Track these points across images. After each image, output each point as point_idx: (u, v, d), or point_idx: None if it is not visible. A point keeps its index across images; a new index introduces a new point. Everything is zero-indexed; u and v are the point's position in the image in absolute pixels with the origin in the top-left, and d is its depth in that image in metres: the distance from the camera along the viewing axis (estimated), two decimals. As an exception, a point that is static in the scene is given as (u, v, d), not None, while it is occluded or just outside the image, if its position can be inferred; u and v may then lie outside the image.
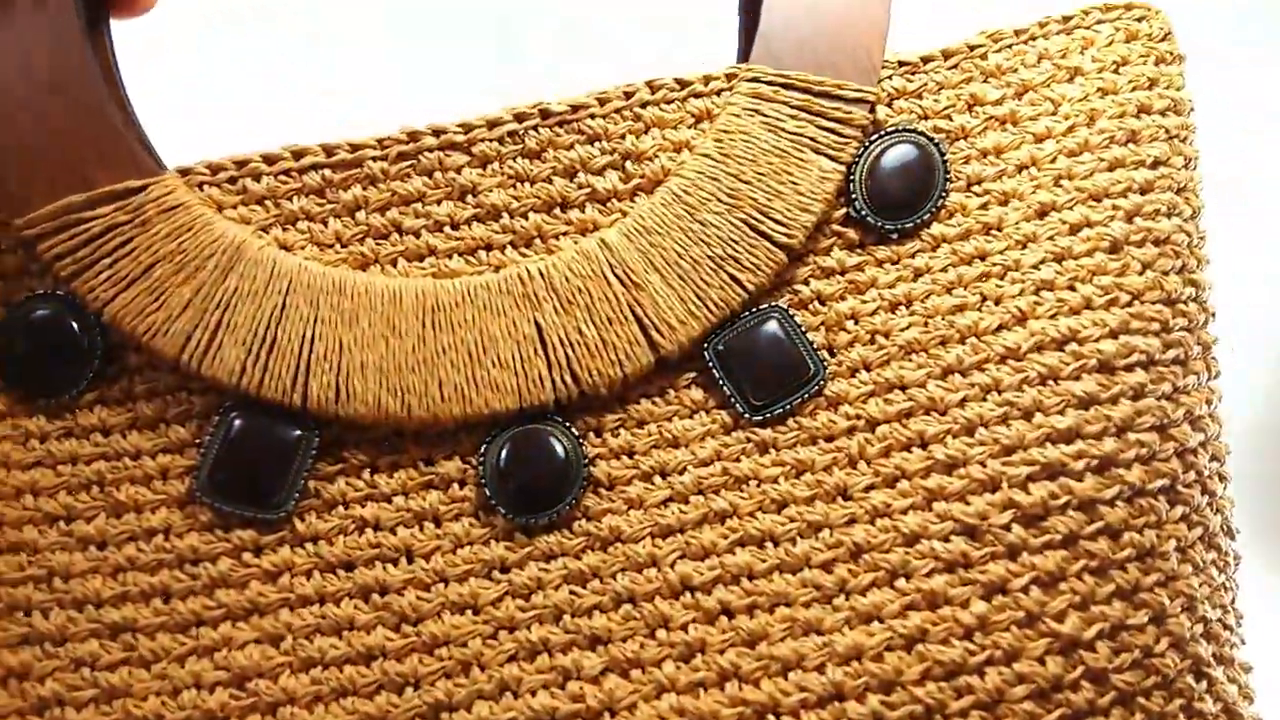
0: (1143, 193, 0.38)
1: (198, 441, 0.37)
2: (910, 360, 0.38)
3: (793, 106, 0.39)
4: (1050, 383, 0.36)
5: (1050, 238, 0.38)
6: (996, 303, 0.38)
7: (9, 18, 0.37)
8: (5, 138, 0.37)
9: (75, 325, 0.37)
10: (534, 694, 0.35)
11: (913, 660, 0.34)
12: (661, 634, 0.35)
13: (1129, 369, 0.37)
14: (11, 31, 0.37)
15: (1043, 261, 0.38)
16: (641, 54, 0.68)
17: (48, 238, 0.36)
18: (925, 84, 0.40)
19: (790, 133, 0.38)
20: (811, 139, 0.38)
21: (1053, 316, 0.37)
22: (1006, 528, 0.35)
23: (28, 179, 0.37)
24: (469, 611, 0.36)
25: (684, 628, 0.35)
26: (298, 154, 0.38)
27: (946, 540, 0.35)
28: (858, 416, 0.37)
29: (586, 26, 0.69)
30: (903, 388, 0.37)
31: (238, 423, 0.36)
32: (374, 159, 0.38)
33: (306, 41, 0.67)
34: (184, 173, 0.38)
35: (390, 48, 0.69)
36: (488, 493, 0.36)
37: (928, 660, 0.34)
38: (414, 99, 0.66)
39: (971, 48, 0.40)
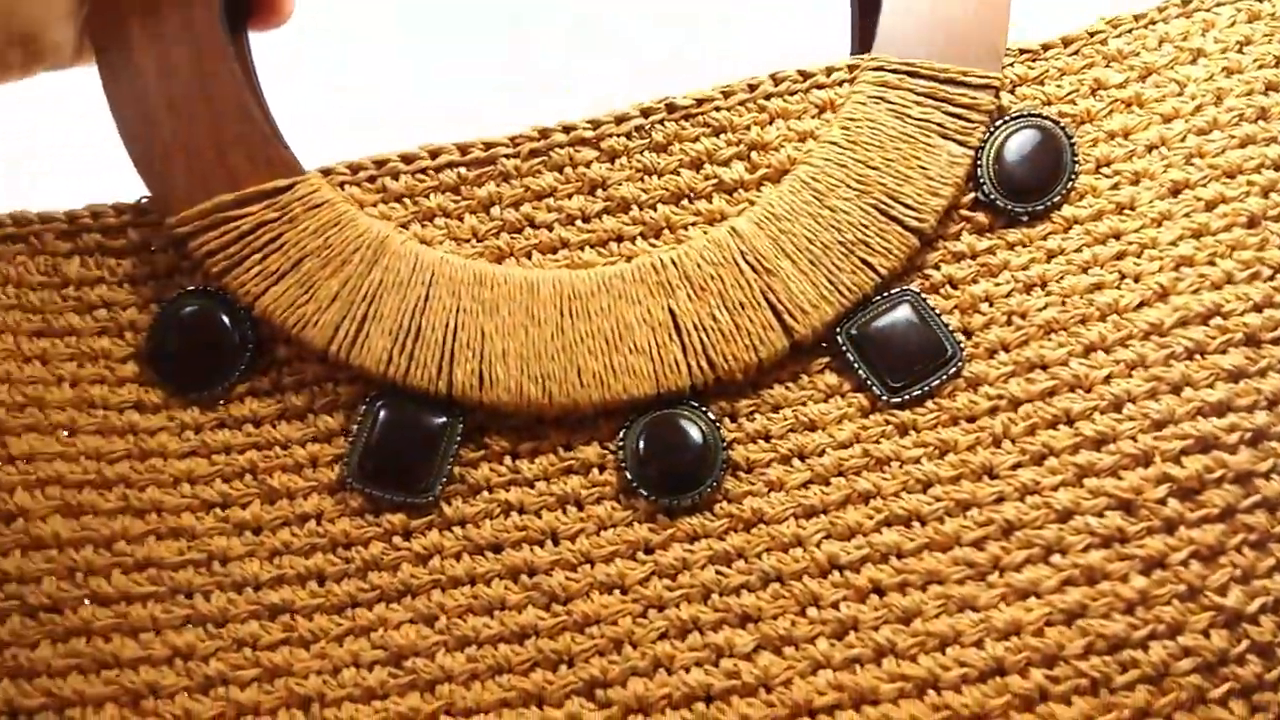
0: (1277, 168, 0.38)
1: (345, 431, 0.38)
2: (1050, 339, 0.37)
3: (918, 93, 0.39)
4: (1197, 357, 0.36)
5: (1186, 215, 0.38)
6: (1136, 280, 0.37)
7: (156, 26, 0.39)
8: (157, 140, 0.38)
9: (226, 320, 0.38)
10: (688, 670, 0.34)
11: (1074, 635, 0.34)
12: (812, 612, 0.35)
13: (1276, 342, 0.36)
14: (160, 39, 0.39)
15: (1180, 238, 0.37)
16: (653, 51, 0.68)
17: (199, 235, 0.38)
18: (1047, 70, 0.40)
19: (916, 119, 0.39)
20: (939, 124, 0.39)
21: (1195, 291, 0.37)
22: (1162, 502, 0.34)
23: (179, 179, 0.38)
24: (617, 591, 0.36)
25: (835, 605, 0.35)
26: (434, 153, 0.39)
27: (1101, 515, 0.35)
28: (999, 396, 0.37)
29: (598, 23, 0.69)
30: (1044, 367, 0.37)
31: (384, 412, 0.37)
32: (507, 156, 0.39)
33: (318, 38, 0.66)
34: (325, 173, 0.39)
35: (402, 44, 0.68)
36: (629, 476, 0.37)
37: (1090, 635, 0.33)
38: (426, 95, 0.66)
39: (1091, 34, 0.40)
